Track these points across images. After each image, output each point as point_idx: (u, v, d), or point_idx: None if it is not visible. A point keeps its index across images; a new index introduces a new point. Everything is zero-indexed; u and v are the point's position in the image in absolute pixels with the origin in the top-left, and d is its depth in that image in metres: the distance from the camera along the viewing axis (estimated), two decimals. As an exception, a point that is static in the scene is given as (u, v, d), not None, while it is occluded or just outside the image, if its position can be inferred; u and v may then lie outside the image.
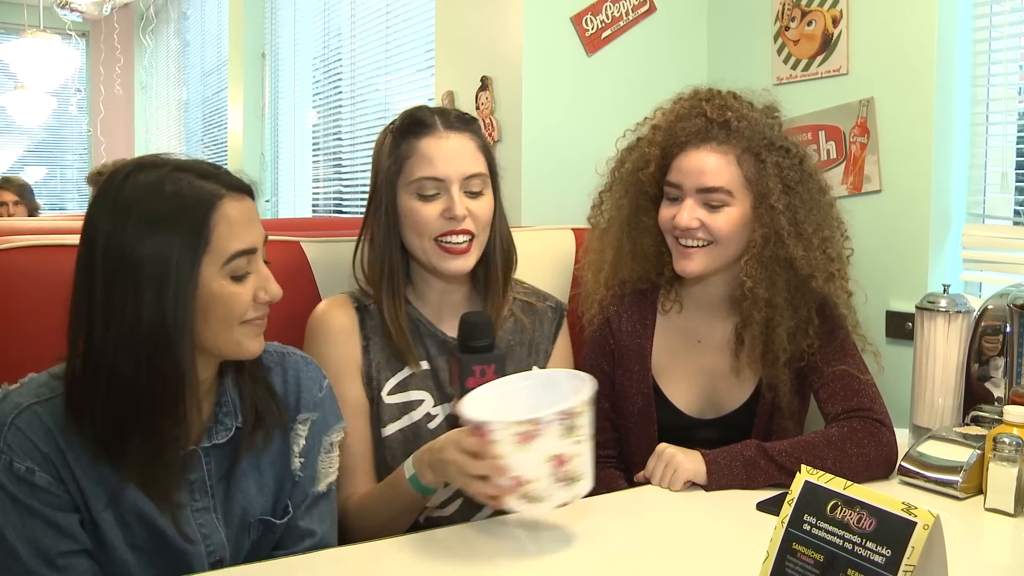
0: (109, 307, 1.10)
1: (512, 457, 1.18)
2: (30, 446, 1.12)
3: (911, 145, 2.07)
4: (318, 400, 1.36)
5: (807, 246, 1.57)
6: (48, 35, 6.60)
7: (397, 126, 1.56)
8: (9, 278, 1.44)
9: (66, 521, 1.14)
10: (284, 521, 1.31)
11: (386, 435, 1.54)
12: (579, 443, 1.19)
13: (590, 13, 2.51)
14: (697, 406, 1.70)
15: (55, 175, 8.55)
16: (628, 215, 1.69)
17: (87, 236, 1.13)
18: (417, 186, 1.51)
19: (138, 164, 1.16)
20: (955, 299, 1.71)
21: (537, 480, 1.18)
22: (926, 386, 1.72)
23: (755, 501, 1.42)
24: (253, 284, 1.18)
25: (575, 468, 1.20)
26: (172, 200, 1.12)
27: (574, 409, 1.18)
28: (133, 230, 1.10)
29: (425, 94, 3.51)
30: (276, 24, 5.18)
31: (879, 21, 2.14)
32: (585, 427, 1.20)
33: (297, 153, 5.04)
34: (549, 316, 1.71)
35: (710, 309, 1.71)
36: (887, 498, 0.89)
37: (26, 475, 1.12)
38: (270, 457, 1.30)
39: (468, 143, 1.53)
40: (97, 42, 8.21)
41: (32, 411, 1.14)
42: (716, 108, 1.61)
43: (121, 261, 1.10)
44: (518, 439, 1.16)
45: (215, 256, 1.14)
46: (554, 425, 1.16)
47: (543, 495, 1.19)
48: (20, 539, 1.11)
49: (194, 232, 1.12)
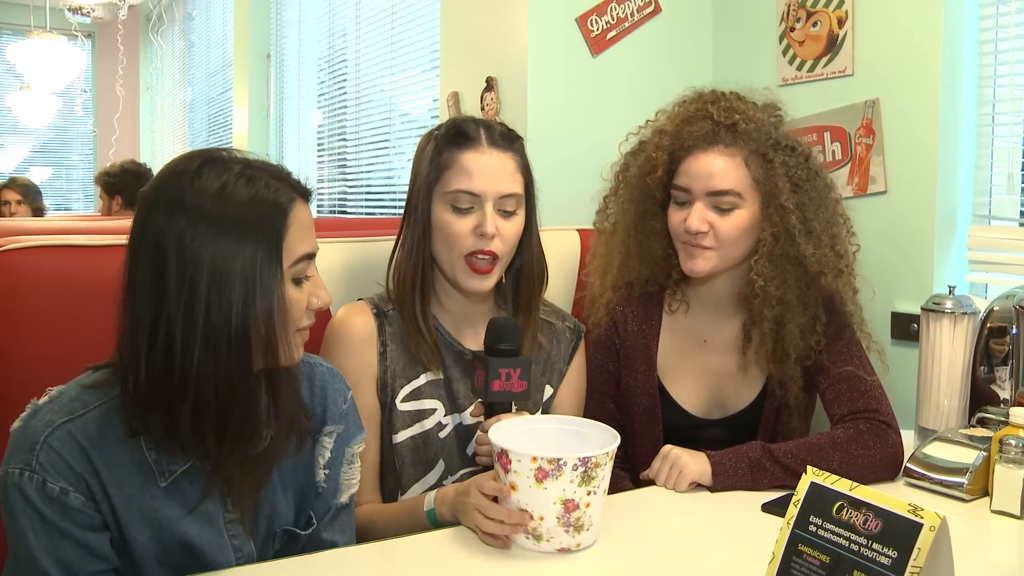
0: (190, 309, 1.07)
1: (525, 491, 1.21)
2: (63, 465, 1.10)
3: (917, 146, 2.07)
4: (343, 412, 1.35)
5: (817, 243, 1.57)
6: (54, 36, 6.60)
7: (441, 134, 1.56)
8: (15, 279, 1.43)
9: (97, 541, 1.12)
10: (308, 532, 1.31)
11: (397, 441, 1.55)
12: (592, 495, 1.22)
13: (595, 14, 2.51)
14: (703, 406, 1.70)
15: (60, 175, 8.57)
16: (635, 219, 1.69)
17: (150, 235, 1.09)
18: (452, 197, 1.51)
19: (204, 160, 1.12)
20: (961, 300, 1.70)
21: (543, 519, 1.22)
22: (932, 387, 1.72)
23: (760, 502, 1.42)
24: (307, 290, 1.18)
25: (583, 518, 1.23)
26: (251, 202, 1.10)
27: (595, 459, 1.20)
28: (210, 231, 1.07)
29: (430, 95, 3.51)
30: (281, 25, 5.19)
31: (885, 22, 2.14)
32: (601, 481, 1.23)
33: (302, 154, 5.04)
34: (567, 337, 1.71)
35: (717, 309, 1.71)
36: (893, 499, 0.89)
37: (60, 496, 1.09)
38: (294, 468, 1.29)
39: (509, 162, 1.53)
40: (103, 43, 8.24)
41: (65, 430, 1.11)
42: (722, 110, 1.60)
43: (198, 262, 1.07)
44: (536, 474, 1.20)
45: (286, 260, 1.13)
46: (572, 470, 1.19)
47: (547, 535, 1.23)
48: (51, 560, 1.09)
49: (274, 236, 1.11)
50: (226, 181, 1.10)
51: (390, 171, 4.08)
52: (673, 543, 1.33)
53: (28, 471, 1.09)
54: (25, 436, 1.11)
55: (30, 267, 1.45)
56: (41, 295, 1.43)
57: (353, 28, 4.28)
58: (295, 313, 1.16)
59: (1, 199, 5.32)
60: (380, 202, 4.20)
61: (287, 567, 1.24)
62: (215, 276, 1.07)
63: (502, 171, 1.51)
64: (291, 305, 1.14)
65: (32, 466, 1.09)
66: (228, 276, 1.07)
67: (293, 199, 1.15)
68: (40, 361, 1.36)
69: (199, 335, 1.07)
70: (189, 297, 1.06)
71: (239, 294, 1.08)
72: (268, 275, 1.10)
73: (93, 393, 1.15)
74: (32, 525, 1.09)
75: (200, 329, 1.07)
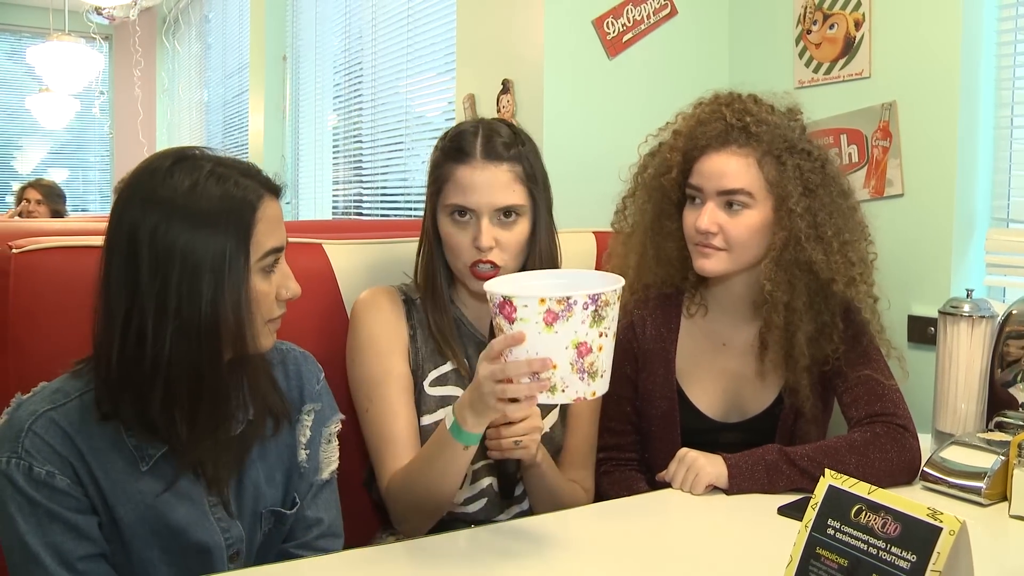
0: (161, 299, 1.11)
1: (536, 338, 1.14)
2: (49, 450, 1.14)
3: (934, 149, 2.06)
4: (318, 392, 1.40)
5: (827, 250, 1.56)
6: (73, 39, 6.65)
7: (444, 144, 1.57)
8: (34, 278, 1.45)
9: (86, 524, 1.15)
10: (294, 511, 1.34)
11: (423, 424, 1.56)
12: (604, 336, 1.16)
13: (611, 16, 2.51)
14: (721, 410, 1.70)
15: (77, 176, 8.63)
16: (651, 220, 1.69)
17: (125, 228, 1.14)
18: (450, 209, 1.53)
19: (176, 158, 1.17)
20: (979, 304, 1.70)
21: (556, 368, 1.15)
22: (949, 391, 1.71)
23: (776, 505, 1.42)
24: (276, 282, 1.22)
25: (597, 362, 1.16)
26: (221, 198, 1.15)
27: (604, 296, 1.14)
28: (182, 225, 1.12)
29: (446, 97, 3.52)
30: (297, 27, 5.20)
31: (902, 24, 2.13)
32: (612, 321, 1.17)
33: (317, 155, 5.06)
34: None
35: (735, 312, 1.70)
36: (912, 503, 0.88)
37: (46, 479, 1.13)
38: (278, 450, 1.33)
39: (504, 175, 1.51)
40: (119, 45, 8.29)
41: (48, 417, 1.15)
42: (735, 112, 1.61)
43: (170, 255, 1.11)
44: (545, 317, 1.13)
45: (254, 253, 1.17)
46: (582, 308, 1.13)
47: (561, 384, 1.16)
48: (41, 544, 1.12)
49: (243, 230, 1.16)
50: (197, 178, 1.15)
51: (405, 173, 4.09)
52: (690, 546, 1.33)
53: (15, 458, 1.13)
54: (10, 427, 1.15)
55: (49, 267, 1.46)
56: (59, 294, 1.44)
57: (369, 30, 4.29)
58: (264, 304, 1.21)
59: (23, 196, 5.42)
60: (395, 204, 4.21)
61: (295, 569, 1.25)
62: (186, 268, 1.12)
63: (495, 185, 1.51)
64: (260, 296, 1.19)
65: (18, 453, 1.13)
66: (199, 268, 1.12)
67: (262, 195, 1.19)
68: (58, 359, 1.37)
69: (170, 324, 1.12)
70: (161, 288, 1.11)
71: (209, 286, 1.13)
72: (236, 268, 1.15)
73: (74, 383, 1.19)
74: (21, 510, 1.13)
75: (171, 318, 1.12)
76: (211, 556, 1.24)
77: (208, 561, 1.23)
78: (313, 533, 1.37)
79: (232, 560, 1.26)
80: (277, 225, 1.21)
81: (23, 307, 1.43)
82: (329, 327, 1.66)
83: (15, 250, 1.45)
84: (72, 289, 1.45)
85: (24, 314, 1.43)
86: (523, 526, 1.38)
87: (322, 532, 1.37)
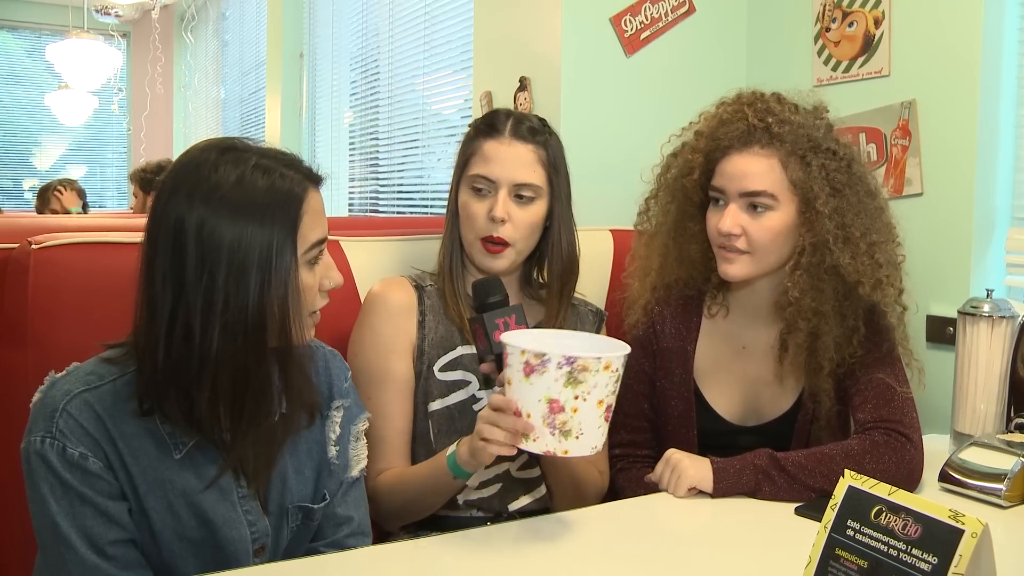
0: (209, 295, 1.10)
1: (516, 384, 1.20)
2: (82, 432, 1.13)
3: (954, 148, 2.04)
4: (346, 389, 1.41)
5: (854, 252, 1.53)
6: (91, 36, 6.70)
7: (476, 123, 1.65)
8: (54, 273, 1.46)
9: (116, 509, 1.15)
10: (322, 507, 1.34)
11: (432, 409, 1.59)
12: (581, 400, 1.19)
13: (629, 14, 2.51)
14: (739, 412, 1.68)
15: (95, 173, 8.69)
16: (674, 221, 1.68)
17: (171, 223, 1.12)
18: (472, 180, 1.59)
19: (221, 151, 1.16)
20: (999, 304, 1.68)
21: (529, 416, 1.20)
22: (968, 392, 1.70)
23: (794, 505, 1.41)
24: (319, 273, 1.22)
25: (570, 423, 1.20)
26: (268, 191, 1.14)
27: (580, 360, 1.17)
28: (229, 219, 1.11)
29: (462, 95, 3.52)
30: (314, 24, 5.22)
31: (922, 22, 2.12)
32: (592, 388, 1.19)
33: (334, 152, 5.07)
34: (590, 319, 1.74)
35: (756, 315, 1.69)
36: (933, 504, 0.87)
37: (79, 460, 1.13)
38: (307, 446, 1.33)
39: (528, 154, 1.59)
40: (138, 42, 8.33)
41: (82, 398, 1.15)
42: (758, 112, 1.58)
43: (218, 250, 1.11)
44: (524, 367, 1.18)
45: (301, 246, 1.17)
46: (556, 368, 1.17)
47: (532, 434, 1.21)
48: (72, 526, 1.12)
49: (290, 223, 1.15)
50: (243, 171, 1.14)
51: (421, 170, 4.09)
52: (707, 546, 1.33)
53: (49, 438, 1.13)
54: (44, 406, 1.15)
55: (68, 263, 1.47)
56: (78, 290, 1.46)
57: (386, 27, 4.30)
58: (309, 296, 1.20)
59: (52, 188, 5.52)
60: (411, 201, 4.21)
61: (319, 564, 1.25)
62: (234, 263, 1.11)
63: (519, 161, 1.58)
64: (305, 289, 1.19)
65: (53, 432, 1.13)
66: (246, 263, 1.12)
67: (307, 187, 1.19)
68: (77, 354, 1.37)
69: (217, 322, 1.11)
70: (208, 284, 1.11)
71: (256, 280, 1.12)
72: (284, 262, 1.14)
73: (108, 367, 1.19)
74: (53, 492, 1.13)
75: (219, 316, 1.11)
76: (236, 549, 1.23)
77: (233, 554, 1.23)
78: (344, 531, 1.37)
79: (257, 554, 1.26)
80: (321, 217, 1.21)
81: (42, 303, 1.44)
82: (346, 324, 1.66)
83: (34, 246, 1.46)
84: (91, 285, 1.46)
85: (43, 309, 1.44)
86: (524, 526, 1.38)
87: (352, 531, 1.37)
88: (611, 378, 1.20)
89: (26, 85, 8.36)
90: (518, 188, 1.57)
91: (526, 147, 1.59)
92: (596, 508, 1.54)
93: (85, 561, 1.12)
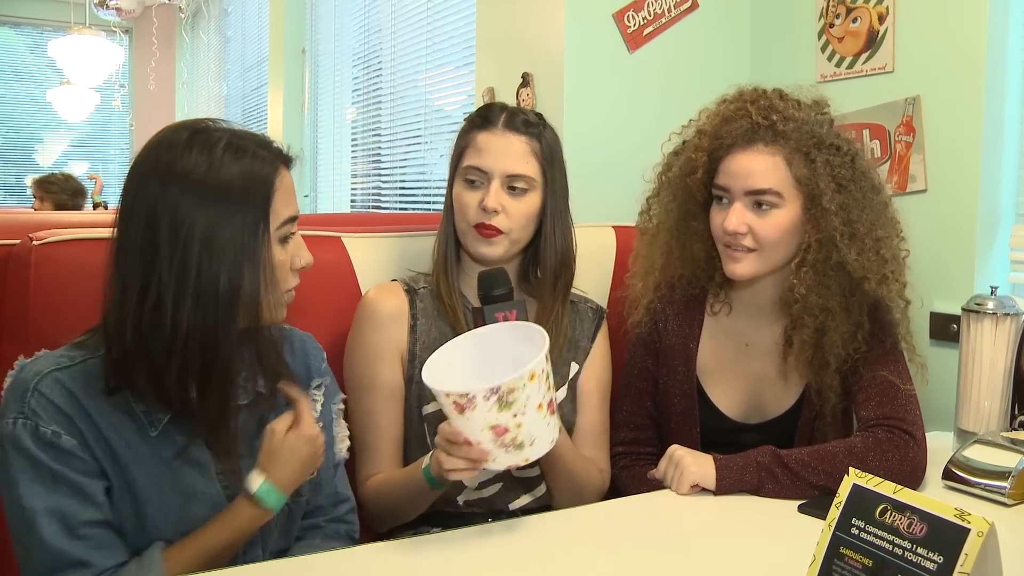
0: (181, 273, 1.12)
1: (455, 421, 1.21)
2: (55, 410, 1.14)
3: (958, 144, 2.03)
4: (324, 369, 1.44)
5: (860, 248, 1.52)
6: (93, 32, 6.70)
7: (471, 116, 1.65)
8: (53, 270, 1.46)
9: (92, 487, 1.15)
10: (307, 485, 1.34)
11: (427, 412, 1.58)
12: (519, 415, 1.19)
13: (632, 9, 2.50)
14: (742, 410, 1.68)
15: (97, 169, 8.66)
16: (677, 220, 1.67)
17: (143, 204, 1.14)
18: (465, 172, 1.59)
19: (192, 132, 1.18)
20: (1003, 301, 1.68)
21: (480, 443, 1.21)
22: (972, 389, 1.69)
23: (797, 503, 1.41)
24: (291, 251, 1.24)
25: (519, 436, 1.21)
26: (240, 173, 1.16)
27: (504, 385, 1.17)
28: (202, 201, 1.13)
29: (465, 91, 3.51)
30: (317, 20, 5.21)
31: (927, 17, 2.11)
32: (527, 401, 1.19)
33: (336, 149, 5.07)
34: (590, 316, 1.73)
35: (759, 312, 1.68)
36: (939, 503, 0.87)
37: (52, 438, 1.13)
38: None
39: (522, 146, 1.58)
40: (139, 38, 8.33)
41: (53, 377, 1.16)
42: (761, 110, 1.57)
43: (191, 231, 1.12)
44: (454, 408, 1.19)
45: (273, 223, 1.19)
46: (484, 400, 1.17)
47: (488, 457, 1.23)
48: (43, 508, 1.12)
49: (261, 203, 1.18)
50: (215, 151, 1.16)
51: (424, 166, 4.09)
52: (710, 543, 1.32)
53: (22, 418, 1.13)
54: (15, 388, 1.16)
55: (69, 259, 1.47)
56: (79, 286, 1.44)
57: (388, 23, 4.29)
58: (281, 274, 1.22)
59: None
60: (413, 198, 4.21)
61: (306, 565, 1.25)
62: (207, 242, 1.13)
63: (511, 152, 1.57)
64: (277, 265, 1.21)
65: (25, 412, 1.13)
66: (219, 241, 1.14)
67: (278, 167, 1.22)
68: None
69: (189, 296, 1.13)
70: (181, 261, 1.12)
71: (229, 258, 1.14)
72: (256, 239, 1.17)
73: (78, 350, 1.21)
74: (24, 473, 1.13)
75: (191, 290, 1.13)
76: None
77: None
78: (344, 508, 1.43)
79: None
80: (291, 195, 1.24)
81: (43, 298, 1.44)
82: (347, 320, 1.66)
83: (36, 242, 1.46)
84: (92, 280, 1.44)
85: (44, 305, 1.44)
86: (526, 524, 1.37)
87: (352, 507, 1.44)
88: (541, 380, 1.20)
89: (28, 81, 8.36)
90: (511, 179, 1.56)
91: (519, 138, 1.58)
92: (599, 505, 1.54)
93: (49, 546, 1.12)
